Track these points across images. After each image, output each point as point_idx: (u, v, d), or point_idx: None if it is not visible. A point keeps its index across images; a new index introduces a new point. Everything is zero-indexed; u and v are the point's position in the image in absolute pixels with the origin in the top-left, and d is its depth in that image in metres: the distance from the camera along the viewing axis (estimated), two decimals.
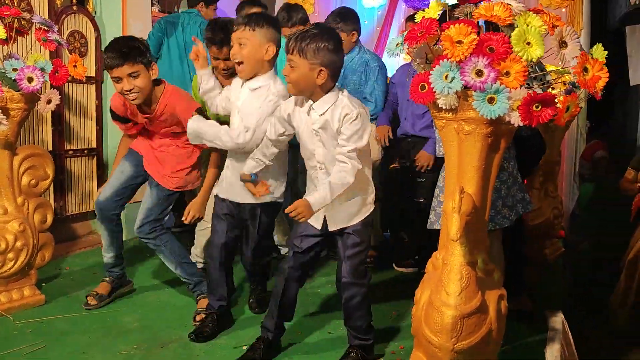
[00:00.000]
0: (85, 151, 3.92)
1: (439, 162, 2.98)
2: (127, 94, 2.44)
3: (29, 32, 2.55)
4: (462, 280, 1.75)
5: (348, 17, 3.45)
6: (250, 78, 2.39)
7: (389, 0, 5.13)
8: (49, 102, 2.45)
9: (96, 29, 3.89)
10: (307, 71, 2.08)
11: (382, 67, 3.49)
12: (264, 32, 2.36)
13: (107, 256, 2.82)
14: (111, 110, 2.73)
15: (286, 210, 2.07)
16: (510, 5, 1.77)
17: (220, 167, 2.65)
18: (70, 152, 3.81)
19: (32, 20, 2.47)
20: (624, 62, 5.30)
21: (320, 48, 2.06)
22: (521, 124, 1.69)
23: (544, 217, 3.50)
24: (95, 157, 3.98)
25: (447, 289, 1.75)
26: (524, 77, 1.66)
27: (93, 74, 3.89)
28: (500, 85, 1.66)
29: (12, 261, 2.53)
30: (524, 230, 2.87)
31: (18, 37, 2.60)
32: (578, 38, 1.75)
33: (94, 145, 3.97)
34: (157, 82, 2.55)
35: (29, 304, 2.64)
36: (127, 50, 2.41)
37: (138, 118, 2.65)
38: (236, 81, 2.48)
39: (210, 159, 2.71)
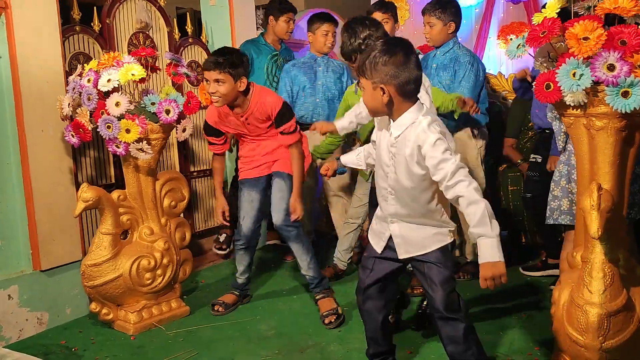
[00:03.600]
0: (207, 172, 4.19)
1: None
2: (211, 95, 2.70)
3: (160, 68, 2.80)
4: (605, 278, 1.72)
5: (447, 5, 3.29)
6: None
7: None
8: (184, 130, 2.68)
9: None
10: (371, 91, 1.88)
11: (474, 64, 3.25)
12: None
13: (243, 278, 3.06)
14: (205, 124, 2.92)
15: (482, 285, 1.77)
16: None
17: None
18: (195, 173, 4.09)
19: (166, 57, 2.70)
20: None
21: (377, 63, 1.85)
22: None
23: None
24: None
25: (590, 287, 1.73)
26: None
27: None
28: (635, 78, 1.63)
29: (160, 277, 2.78)
30: None
31: (151, 74, 2.86)
32: None
33: None
34: (247, 90, 2.75)
35: (176, 315, 2.88)
36: (221, 60, 2.66)
37: (231, 123, 2.83)
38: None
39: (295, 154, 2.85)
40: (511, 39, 5.29)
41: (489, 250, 1.75)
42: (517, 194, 3.50)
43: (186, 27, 4.02)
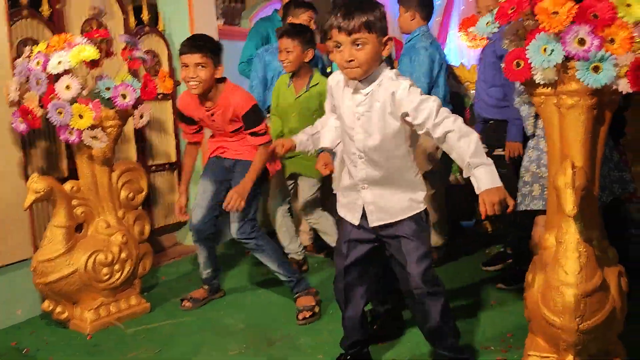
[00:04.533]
0: (167, 165, 4.05)
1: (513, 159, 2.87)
2: (189, 81, 2.58)
3: (115, 52, 2.67)
4: (580, 258, 1.69)
5: None
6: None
7: None
8: (141, 116, 2.55)
9: (167, 46, 4.03)
10: (377, 46, 1.83)
11: (428, 48, 3.19)
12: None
13: (205, 272, 2.93)
14: (179, 113, 2.85)
15: (482, 211, 1.76)
16: None
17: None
18: (153, 167, 3.94)
19: (120, 40, 2.57)
20: None
21: (380, 16, 1.82)
22: (630, 90, 1.63)
23: None
24: (175, 171, 4.11)
25: (566, 268, 1.70)
26: (631, 43, 1.60)
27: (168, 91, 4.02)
28: (606, 52, 1.61)
29: (118, 272, 2.64)
30: (626, 212, 2.74)
31: (105, 59, 2.72)
32: None
33: (174, 160, 4.09)
34: (221, 80, 2.67)
35: (136, 313, 2.75)
36: (202, 43, 2.59)
37: (202, 115, 2.74)
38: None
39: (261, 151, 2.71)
40: (471, 31, 5.32)
41: (490, 176, 1.76)
42: None
43: (142, 16, 3.87)
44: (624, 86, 1.62)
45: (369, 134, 1.91)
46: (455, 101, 3.51)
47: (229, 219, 2.77)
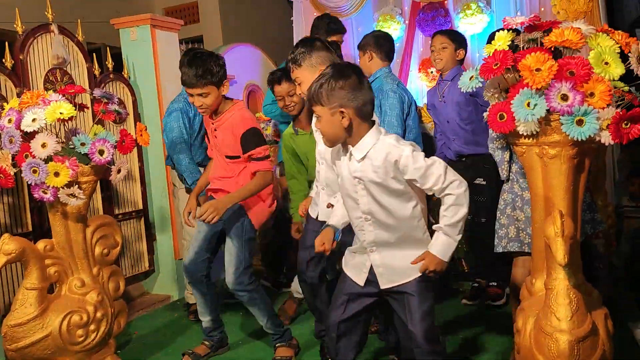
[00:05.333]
0: (133, 213, 3.95)
1: (497, 180, 2.94)
2: (198, 108, 2.65)
3: (88, 106, 2.61)
4: (571, 304, 1.74)
5: (370, 35, 3.45)
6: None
7: (405, 32, 5.21)
8: (119, 171, 2.49)
9: (132, 93, 3.98)
10: (329, 117, 1.88)
11: (397, 91, 3.17)
12: None
13: (205, 320, 2.85)
14: None
15: (421, 270, 1.91)
16: (580, 28, 1.82)
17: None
18: (120, 216, 3.84)
19: (96, 95, 2.52)
20: None
21: (333, 88, 1.86)
22: (612, 142, 1.71)
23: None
24: (142, 218, 4.02)
25: (558, 315, 1.74)
26: (610, 96, 1.69)
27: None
28: (588, 106, 1.69)
29: (94, 332, 2.52)
30: (595, 251, 2.85)
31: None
32: None
33: (140, 207, 4.01)
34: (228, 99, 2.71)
35: None
36: (201, 72, 2.56)
37: (209, 128, 2.77)
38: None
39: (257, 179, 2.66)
40: (431, 72, 5.43)
41: (445, 248, 1.90)
42: None
43: (106, 62, 3.82)
44: (606, 138, 1.70)
45: (372, 197, 1.93)
46: (426, 142, 3.59)
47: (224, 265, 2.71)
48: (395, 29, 5.22)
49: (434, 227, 1.92)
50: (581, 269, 1.94)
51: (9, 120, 2.29)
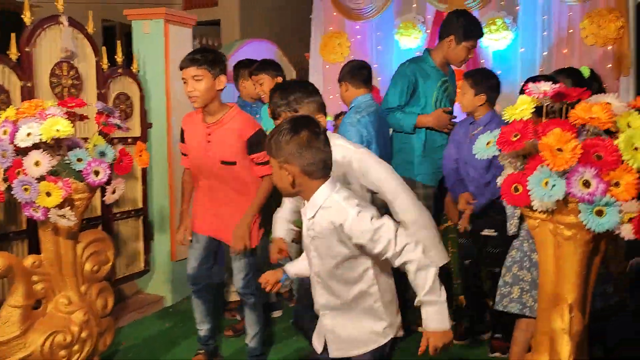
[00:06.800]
0: (132, 212, 3.88)
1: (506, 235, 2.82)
2: (190, 96, 2.59)
3: (89, 117, 2.51)
4: None
5: (344, 69, 3.29)
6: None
7: (426, 42, 5.06)
8: (114, 192, 2.41)
9: (140, 88, 3.87)
10: (277, 170, 1.78)
11: (355, 125, 3.01)
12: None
13: (203, 329, 2.87)
14: (181, 132, 2.83)
15: (421, 349, 1.75)
16: (611, 104, 1.69)
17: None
18: (118, 215, 3.77)
19: (96, 107, 2.42)
20: None
21: (280, 142, 1.75)
22: (633, 237, 1.59)
23: None
24: (141, 217, 3.95)
25: None
26: (637, 189, 1.57)
27: (138, 134, 3.87)
28: (611, 197, 1.57)
29: (77, 353, 2.46)
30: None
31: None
32: None
33: (140, 206, 3.94)
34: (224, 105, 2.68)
35: None
36: (198, 56, 2.56)
37: (195, 136, 2.70)
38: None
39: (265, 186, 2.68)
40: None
41: (440, 317, 1.73)
42: (455, 258, 3.43)
43: (116, 57, 3.71)
44: (627, 232, 1.59)
45: (321, 259, 1.82)
46: None
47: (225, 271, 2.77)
48: (416, 37, 5.09)
49: (415, 303, 1.76)
50: (586, 350, 1.84)
51: (4, 132, 2.20)
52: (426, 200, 3.30)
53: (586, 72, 2.68)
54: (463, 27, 3.23)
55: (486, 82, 2.99)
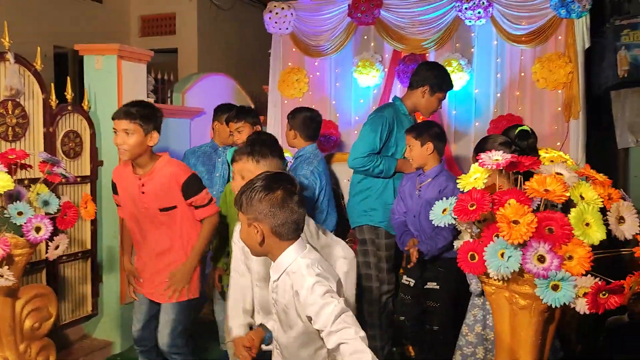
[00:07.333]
0: (79, 254, 3.72)
1: (453, 286, 2.80)
2: (118, 148, 2.55)
3: (32, 166, 2.40)
4: None
5: (293, 113, 3.33)
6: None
7: (384, 80, 5.10)
8: (57, 247, 2.29)
9: (91, 125, 3.75)
10: (246, 227, 1.72)
11: (309, 177, 3.05)
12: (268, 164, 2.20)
13: None
14: (112, 185, 2.78)
15: None
16: (562, 175, 1.70)
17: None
18: (64, 258, 3.60)
19: (40, 157, 2.31)
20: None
21: (252, 199, 1.68)
22: (587, 312, 1.60)
23: None
24: (89, 259, 3.79)
25: None
26: (589, 263, 1.57)
27: (87, 173, 3.73)
28: (565, 272, 1.57)
29: None
30: None
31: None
32: (636, 215, 1.67)
33: (89, 247, 3.78)
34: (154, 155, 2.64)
35: None
36: (133, 110, 2.53)
37: (127, 188, 2.64)
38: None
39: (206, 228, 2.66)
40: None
41: None
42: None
43: (65, 93, 3.59)
44: (582, 307, 1.59)
45: (281, 325, 1.76)
46: None
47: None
48: (374, 76, 5.10)
49: None
50: None
51: None
52: (388, 250, 3.29)
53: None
54: (438, 78, 3.33)
55: (429, 131, 2.99)
